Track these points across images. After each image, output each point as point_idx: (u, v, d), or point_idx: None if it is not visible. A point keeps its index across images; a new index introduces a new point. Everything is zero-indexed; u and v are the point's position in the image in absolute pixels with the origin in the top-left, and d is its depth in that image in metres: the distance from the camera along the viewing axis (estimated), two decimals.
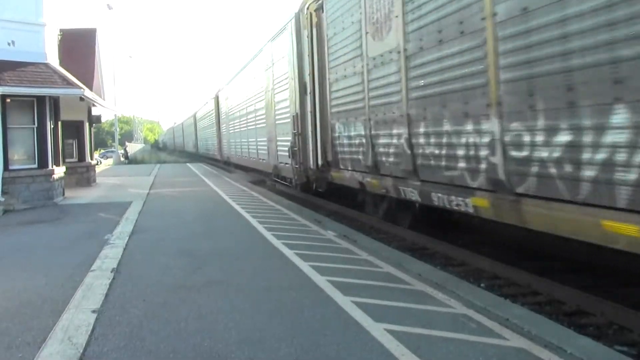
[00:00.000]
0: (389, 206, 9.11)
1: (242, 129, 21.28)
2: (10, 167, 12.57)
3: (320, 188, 11.59)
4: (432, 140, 6.83)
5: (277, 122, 14.41)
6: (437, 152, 6.73)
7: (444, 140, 6.54)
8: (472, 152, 5.99)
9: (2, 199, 12.10)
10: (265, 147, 16.44)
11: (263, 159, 17.21)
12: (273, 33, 14.42)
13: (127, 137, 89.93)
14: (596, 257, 5.92)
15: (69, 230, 9.47)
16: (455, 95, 6.19)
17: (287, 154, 12.94)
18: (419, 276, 5.86)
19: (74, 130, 17.84)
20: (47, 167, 13.26)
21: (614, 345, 4.40)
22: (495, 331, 4.15)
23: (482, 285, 6.19)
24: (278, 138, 14.35)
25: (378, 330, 4.14)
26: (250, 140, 19.54)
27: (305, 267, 6.23)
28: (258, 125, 17.60)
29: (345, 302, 4.85)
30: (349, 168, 9.72)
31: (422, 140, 7.07)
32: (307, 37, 11.26)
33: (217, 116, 29.64)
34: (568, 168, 4.54)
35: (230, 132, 24.95)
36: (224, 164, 30.44)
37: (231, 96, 24.36)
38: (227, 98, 25.53)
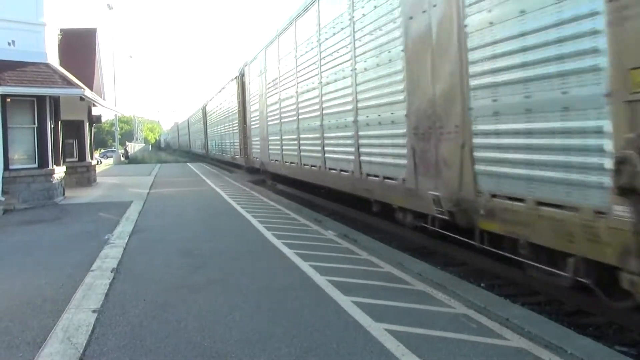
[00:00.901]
0: None
1: (307, 114, 11.71)
2: (11, 167, 12.57)
3: None
4: None
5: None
6: None
7: None
8: None
9: (3, 199, 12.09)
10: (416, 148, 6.92)
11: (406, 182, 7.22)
12: None
13: (127, 136, 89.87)
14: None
15: (69, 230, 9.47)
16: None
17: None
18: (419, 276, 5.86)
19: (74, 130, 17.84)
20: (48, 167, 13.26)
21: (614, 345, 4.40)
22: (496, 331, 4.15)
23: (482, 285, 6.19)
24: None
25: (378, 330, 4.14)
26: (331, 135, 10.20)
27: (305, 266, 6.23)
28: (385, 99, 7.78)
29: (346, 302, 4.85)
30: None
31: None
32: None
33: (242, 103, 21.01)
34: None
35: (270, 123, 15.77)
36: (250, 172, 21.10)
37: (276, 64, 14.75)
38: (264, 71, 16.37)
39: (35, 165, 13.11)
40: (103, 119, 25.12)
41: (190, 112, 57.79)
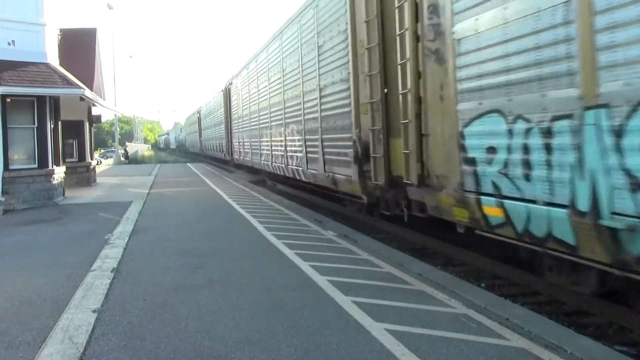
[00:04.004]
0: None
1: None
2: (11, 167, 12.57)
3: None
4: None
5: None
6: None
7: None
8: None
9: (3, 199, 12.09)
10: None
11: None
12: None
13: (127, 137, 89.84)
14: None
15: (69, 230, 9.47)
16: None
17: None
18: (420, 276, 5.86)
19: (74, 130, 17.84)
20: (47, 167, 13.26)
21: (614, 345, 4.39)
22: (496, 331, 4.15)
23: (482, 285, 6.19)
24: None
25: (378, 330, 4.14)
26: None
27: (305, 267, 6.23)
28: None
29: (346, 302, 4.85)
30: None
31: None
32: None
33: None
34: None
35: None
36: None
37: None
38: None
39: (35, 166, 13.10)
40: (103, 119, 25.12)
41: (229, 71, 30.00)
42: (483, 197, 5.32)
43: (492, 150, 5.16)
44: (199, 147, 42.47)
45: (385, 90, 7.69)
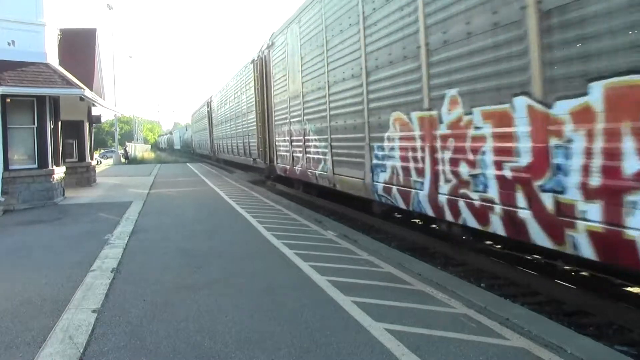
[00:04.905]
0: None
1: None
2: (10, 167, 12.57)
3: None
4: None
5: None
6: None
7: None
8: None
9: (2, 199, 12.09)
10: None
11: None
12: None
13: (127, 137, 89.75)
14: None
15: (69, 230, 9.47)
16: None
17: None
18: (419, 276, 5.86)
19: (74, 130, 17.86)
20: (47, 167, 13.26)
21: (614, 345, 4.40)
22: (496, 331, 4.15)
23: (482, 285, 6.19)
24: None
25: (378, 330, 4.14)
26: None
27: (305, 267, 6.23)
28: None
29: (346, 302, 4.85)
30: None
31: None
32: None
33: None
34: None
35: None
36: None
37: None
38: None
39: (35, 166, 13.10)
40: (103, 119, 25.13)
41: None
42: None
43: None
44: (210, 148, 33.76)
45: None
